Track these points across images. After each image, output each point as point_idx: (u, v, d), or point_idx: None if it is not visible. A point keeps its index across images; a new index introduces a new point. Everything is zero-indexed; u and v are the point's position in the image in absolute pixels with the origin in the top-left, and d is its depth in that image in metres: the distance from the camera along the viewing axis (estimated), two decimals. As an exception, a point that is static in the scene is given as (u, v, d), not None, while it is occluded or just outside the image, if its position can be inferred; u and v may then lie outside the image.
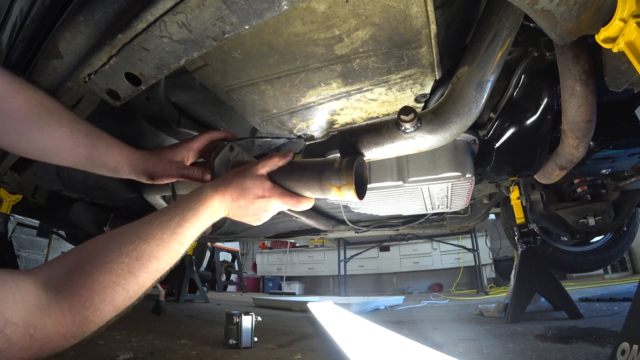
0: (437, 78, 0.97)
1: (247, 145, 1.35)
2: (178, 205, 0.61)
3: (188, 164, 0.83)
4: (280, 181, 0.66)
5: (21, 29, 0.80)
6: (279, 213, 0.72)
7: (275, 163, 0.71)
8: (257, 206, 0.67)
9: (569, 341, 1.21)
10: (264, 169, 0.70)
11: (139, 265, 0.52)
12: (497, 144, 1.16)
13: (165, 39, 0.65)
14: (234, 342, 1.29)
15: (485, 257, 5.60)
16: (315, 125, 1.17)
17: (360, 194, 0.63)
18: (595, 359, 0.99)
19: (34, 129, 0.65)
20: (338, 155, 0.65)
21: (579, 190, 2.16)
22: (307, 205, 0.71)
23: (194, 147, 0.83)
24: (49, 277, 0.45)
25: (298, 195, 0.69)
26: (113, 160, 0.75)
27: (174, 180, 0.79)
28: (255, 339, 1.33)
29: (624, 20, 0.60)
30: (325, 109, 1.07)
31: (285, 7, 0.59)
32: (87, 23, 0.68)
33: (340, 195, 0.62)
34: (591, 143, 1.13)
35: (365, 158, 1.02)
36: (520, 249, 1.97)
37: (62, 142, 0.69)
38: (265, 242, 7.52)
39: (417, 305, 3.25)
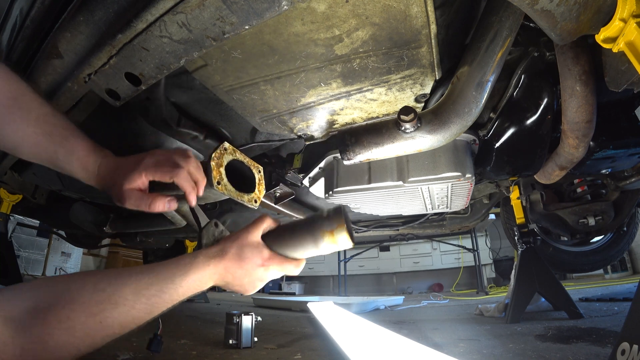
0: (437, 78, 0.97)
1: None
2: (160, 271, 0.56)
3: (147, 182, 0.66)
4: (273, 245, 0.64)
5: (21, 29, 0.80)
6: (278, 212, 0.69)
7: (268, 224, 0.67)
8: (254, 275, 0.63)
9: (569, 341, 1.20)
10: (259, 232, 0.65)
11: (100, 328, 0.49)
12: (497, 144, 1.16)
13: (165, 39, 0.65)
14: (234, 342, 1.29)
15: (485, 257, 5.60)
16: (315, 125, 1.17)
17: (352, 237, 0.63)
18: (595, 359, 0.98)
19: (3, 124, 0.62)
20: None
21: (579, 190, 2.16)
22: (301, 267, 0.68)
23: (148, 165, 0.66)
24: (11, 313, 0.44)
25: (295, 260, 0.66)
26: (73, 171, 0.67)
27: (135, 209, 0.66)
28: (255, 339, 1.33)
29: (624, 20, 0.60)
30: (325, 109, 1.07)
31: (285, 7, 0.59)
32: (87, 23, 0.68)
33: (333, 240, 0.62)
34: (591, 143, 1.13)
35: (365, 158, 1.02)
36: (520, 249, 1.97)
37: (25, 142, 0.64)
38: (265, 242, 7.51)
39: (417, 305, 3.25)
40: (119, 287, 0.52)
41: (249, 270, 0.62)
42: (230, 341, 1.29)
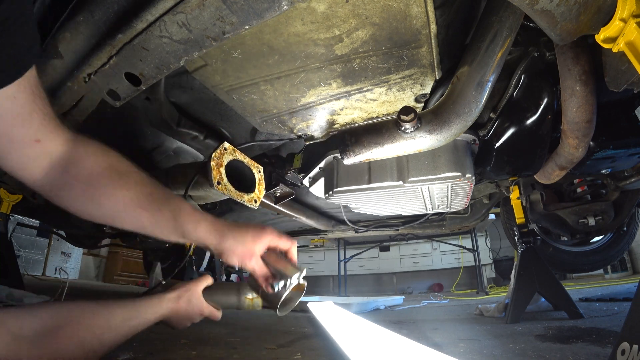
0: (437, 78, 0.97)
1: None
2: (138, 307, 0.76)
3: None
4: (208, 297, 0.88)
5: (21, 29, 0.80)
6: (278, 212, 0.74)
7: (208, 282, 0.89)
8: (192, 318, 0.87)
9: (569, 341, 1.20)
10: (202, 287, 0.88)
11: (100, 345, 0.66)
12: (497, 144, 1.16)
13: (165, 39, 0.65)
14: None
15: (485, 257, 5.59)
16: (315, 125, 1.17)
17: (263, 305, 0.89)
18: (595, 359, 0.98)
19: (102, 194, 0.65)
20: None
21: (579, 190, 2.16)
22: (220, 314, 0.91)
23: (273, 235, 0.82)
24: (20, 331, 0.54)
25: (219, 310, 0.90)
26: (184, 232, 0.71)
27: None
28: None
29: (624, 20, 0.60)
30: (325, 109, 1.08)
31: (285, 7, 0.59)
32: (87, 23, 0.68)
33: (251, 304, 0.88)
34: (591, 143, 1.13)
35: (365, 158, 1.03)
36: (520, 249, 1.97)
37: (127, 207, 0.67)
38: (265, 242, 7.50)
39: (417, 305, 3.25)
40: (112, 315, 0.69)
41: (190, 313, 0.85)
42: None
